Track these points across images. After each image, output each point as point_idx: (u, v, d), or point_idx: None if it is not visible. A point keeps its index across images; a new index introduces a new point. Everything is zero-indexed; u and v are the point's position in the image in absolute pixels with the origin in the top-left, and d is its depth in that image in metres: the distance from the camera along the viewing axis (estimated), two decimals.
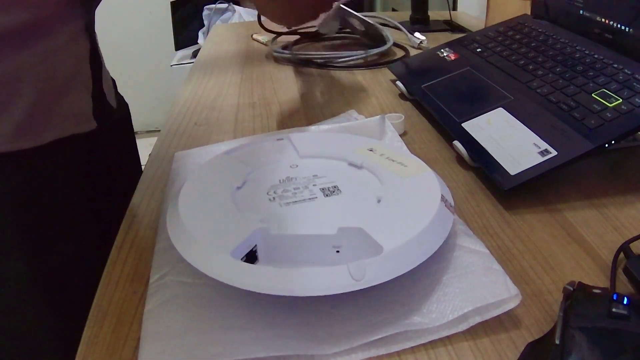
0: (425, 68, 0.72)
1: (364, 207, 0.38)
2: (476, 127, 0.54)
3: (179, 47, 2.67)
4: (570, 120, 0.50)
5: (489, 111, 0.55)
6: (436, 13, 1.17)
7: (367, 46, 0.92)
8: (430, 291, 0.34)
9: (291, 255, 0.35)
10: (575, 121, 0.49)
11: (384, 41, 0.90)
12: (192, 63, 0.93)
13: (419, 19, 1.10)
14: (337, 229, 0.34)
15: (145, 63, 2.82)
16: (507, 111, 0.54)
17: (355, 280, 0.31)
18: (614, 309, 0.28)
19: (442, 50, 0.74)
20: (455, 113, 0.58)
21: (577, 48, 0.61)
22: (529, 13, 0.76)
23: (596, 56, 0.57)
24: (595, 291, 0.30)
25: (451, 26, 1.07)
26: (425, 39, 0.94)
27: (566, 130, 0.49)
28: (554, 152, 0.46)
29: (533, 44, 0.66)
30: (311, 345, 0.31)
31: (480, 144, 0.51)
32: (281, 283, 0.31)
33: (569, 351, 0.27)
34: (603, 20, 0.60)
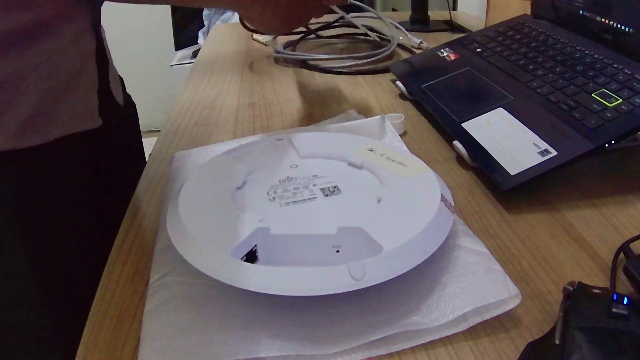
0: (425, 68, 0.72)
1: (364, 207, 0.38)
2: (476, 127, 0.54)
3: (179, 47, 2.68)
4: (570, 120, 0.50)
5: (489, 111, 0.55)
6: (436, 13, 1.17)
7: (370, 47, 0.91)
8: (430, 291, 0.34)
9: (291, 255, 0.35)
10: (575, 121, 0.49)
11: (387, 40, 0.90)
12: (192, 63, 0.93)
13: (419, 19, 1.10)
14: (337, 229, 0.34)
15: (145, 63, 2.82)
16: (507, 111, 0.54)
17: (355, 280, 0.31)
18: (614, 309, 0.28)
19: (442, 50, 0.74)
20: (455, 113, 0.58)
21: (577, 48, 0.61)
22: (529, 13, 0.76)
23: (596, 56, 0.57)
24: (595, 291, 0.30)
25: (451, 26, 1.07)
26: (420, 41, 0.93)
27: (566, 130, 0.49)
28: (554, 152, 0.46)
29: (533, 44, 0.66)
30: (311, 345, 0.31)
31: (480, 144, 0.51)
32: (281, 283, 0.31)
33: (569, 351, 0.27)
34: (603, 20, 0.60)
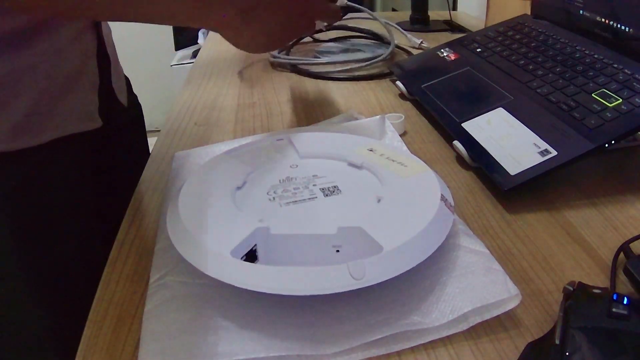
0: (425, 68, 0.72)
1: (364, 207, 0.38)
2: (476, 127, 0.54)
3: (179, 47, 2.68)
4: (570, 120, 0.50)
5: (489, 111, 0.55)
6: (436, 13, 1.17)
7: (369, 49, 0.91)
8: (430, 291, 0.34)
9: (291, 254, 0.35)
10: (575, 121, 0.49)
11: (386, 42, 0.90)
12: (192, 63, 0.93)
13: (419, 19, 1.10)
14: (337, 229, 0.34)
15: (145, 63, 2.82)
16: (507, 111, 0.54)
17: (355, 279, 0.31)
18: (614, 309, 0.28)
19: (442, 50, 0.74)
20: (455, 113, 0.58)
21: (577, 48, 0.61)
22: (529, 13, 0.76)
23: (596, 56, 0.57)
24: (595, 291, 0.30)
25: (451, 26, 1.07)
26: (421, 41, 0.93)
27: (566, 130, 0.49)
28: (554, 152, 0.46)
29: (533, 44, 0.66)
30: (311, 345, 0.31)
31: (480, 144, 0.51)
32: (281, 282, 0.31)
33: (569, 351, 0.27)
34: (603, 20, 0.60)
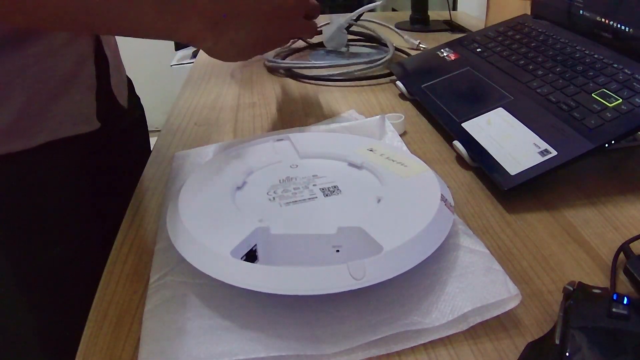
0: (425, 68, 0.72)
1: (364, 207, 0.38)
2: (476, 127, 0.54)
3: (179, 47, 2.68)
4: (570, 120, 0.50)
5: (489, 111, 0.55)
6: (436, 13, 1.17)
7: (367, 51, 0.91)
8: (430, 291, 0.34)
9: (291, 254, 0.35)
10: (575, 121, 0.49)
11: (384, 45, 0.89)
12: (192, 63, 0.93)
13: (419, 19, 1.10)
14: (337, 229, 0.34)
15: (145, 63, 2.82)
16: (507, 111, 0.54)
17: (355, 279, 0.31)
18: (614, 309, 0.28)
19: (442, 50, 0.74)
20: (455, 113, 0.58)
21: (577, 48, 0.61)
22: (529, 13, 0.76)
23: (596, 56, 0.57)
24: (595, 291, 0.30)
25: (451, 26, 1.07)
26: (419, 42, 0.93)
27: (566, 130, 0.49)
28: (554, 152, 0.46)
29: (533, 44, 0.66)
30: (311, 345, 0.31)
31: (480, 144, 0.51)
32: (281, 282, 0.31)
33: (569, 351, 0.27)
34: (603, 20, 0.60)
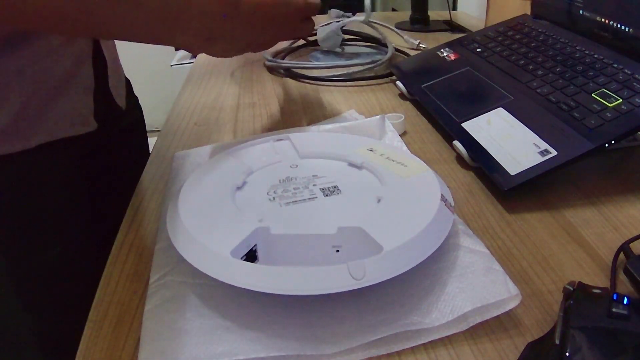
0: (425, 68, 0.72)
1: (364, 207, 0.38)
2: (476, 127, 0.54)
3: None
4: (570, 120, 0.50)
5: (489, 111, 0.55)
6: (436, 13, 1.17)
7: (366, 52, 0.91)
8: (430, 291, 0.34)
9: (291, 254, 0.35)
10: (575, 121, 0.49)
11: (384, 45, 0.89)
12: (192, 63, 0.93)
13: (419, 19, 1.10)
14: (337, 229, 0.34)
15: (145, 63, 2.82)
16: (507, 111, 0.54)
17: (355, 279, 0.31)
18: (614, 309, 0.28)
19: (442, 50, 0.74)
20: (455, 113, 0.58)
21: (577, 48, 0.61)
22: (529, 13, 0.76)
23: (596, 56, 0.57)
24: (595, 291, 0.30)
25: (451, 26, 1.07)
26: (418, 42, 0.93)
27: (566, 130, 0.49)
28: (554, 152, 0.46)
29: (533, 44, 0.66)
30: (311, 345, 0.31)
31: (480, 144, 0.51)
32: (281, 282, 0.31)
33: (569, 351, 0.27)
34: (603, 20, 0.60)
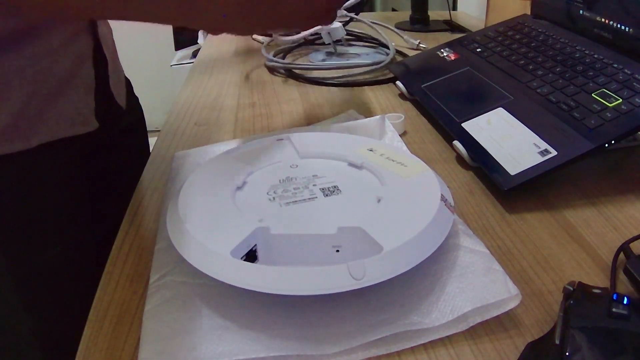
0: (425, 68, 0.72)
1: (364, 207, 0.38)
2: (476, 127, 0.54)
3: (179, 47, 2.68)
4: (570, 120, 0.50)
5: (489, 111, 0.55)
6: (436, 13, 1.17)
7: (366, 53, 0.90)
8: (430, 291, 0.34)
9: (291, 254, 0.35)
10: (575, 121, 0.49)
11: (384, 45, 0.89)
12: (192, 63, 0.93)
13: (419, 19, 1.10)
14: (337, 229, 0.34)
15: (145, 63, 2.82)
16: (507, 111, 0.54)
17: (355, 279, 0.31)
18: (614, 309, 0.28)
19: (442, 50, 0.74)
20: (455, 113, 0.58)
21: (577, 48, 0.61)
22: (529, 13, 0.76)
23: (596, 56, 0.57)
24: (595, 291, 0.30)
25: (451, 26, 1.07)
26: (418, 42, 0.93)
27: (566, 130, 0.49)
28: (554, 152, 0.46)
29: (533, 44, 0.66)
30: (311, 345, 0.31)
31: (480, 144, 0.51)
32: (281, 282, 0.31)
33: (569, 351, 0.27)
34: (603, 20, 0.60)
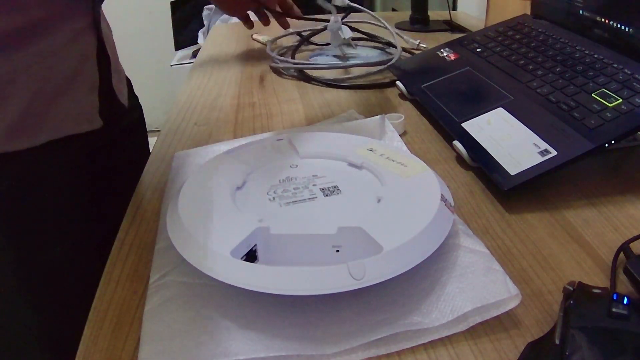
0: (425, 68, 0.72)
1: (364, 207, 0.38)
2: (476, 127, 0.54)
3: (179, 47, 2.68)
4: (570, 120, 0.50)
5: (489, 111, 0.55)
6: (436, 13, 1.17)
7: (368, 52, 0.90)
8: (430, 291, 0.34)
9: (291, 254, 0.35)
10: (575, 121, 0.49)
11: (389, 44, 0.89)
12: (192, 63, 0.93)
13: (419, 19, 1.10)
14: (337, 229, 0.34)
15: (145, 63, 2.82)
16: (507, 111, 0.54)
17: (355, 279, 0.31)
18: (614, 309, 0.28)
19: (442, 50, 0.74)
20: (455, 113, 0.58)
21: (577, 48, 0.61)
22: (529, 13, 0.76)
23: (596, 56, 0.57)
24: (595, 291, 0.30)
25: (451, 26, 1.07)
26: (419, 42, 0.93)
27: (566, 130, 0.49)
28: (554, 152, 0.46)
29: (533, 44, 0.66)
30: (311, 345, 0.31)
31: (480, 144, 0.51)
32: (281, 282, 0.31)
33: (569, 351, 0.27)
34: (603, 20, 0.60)
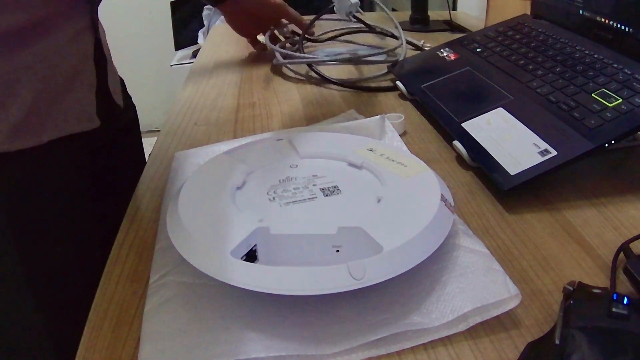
0: (425, 68, 0.72)
1: (364, 207, 0.38)
2: (476, 127, 0.54)
3: (179, 47, 2.68)
4: (570, 120, 0.50)
5: (489, 111, 0.55)
6: (436, 13, 1.17)
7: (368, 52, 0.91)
8: (430, 291, 0.34)
9: (291, 254, 0.35)
10: (575, 121, 0.49)
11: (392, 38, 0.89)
12: (192, 63, 0.93)
13: (419, 19, 1.10)
14: (337, 229, 0.34)
15: (145, 63, 2.82)
16: (507, 111, 0.54)
17: (355, 279, 0.31)
18: (614, 309, 0.28)
19: (442, 50, 0.74)
20: (455, 113, 0.58)
21: (577, 48, 0.61)
22: (529, 13, 0.76)
23: (596, 56, 0.57)
24: (595, 291, 0.30)
25: (451, 26, 1.07)
26: (422, 42, 0.93)
27: (566, 130, 0.49)
28: (554, 152, 0.46)
29: (533, 44, 0.66)
30: (311, 345, 0.31)
31: (480, 144, 0.51)
32: (281, 282, 0.31)
33: (569, 351, 0.27)
34: (603, 20, 0.60)
